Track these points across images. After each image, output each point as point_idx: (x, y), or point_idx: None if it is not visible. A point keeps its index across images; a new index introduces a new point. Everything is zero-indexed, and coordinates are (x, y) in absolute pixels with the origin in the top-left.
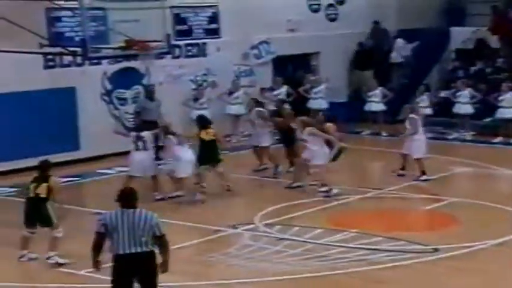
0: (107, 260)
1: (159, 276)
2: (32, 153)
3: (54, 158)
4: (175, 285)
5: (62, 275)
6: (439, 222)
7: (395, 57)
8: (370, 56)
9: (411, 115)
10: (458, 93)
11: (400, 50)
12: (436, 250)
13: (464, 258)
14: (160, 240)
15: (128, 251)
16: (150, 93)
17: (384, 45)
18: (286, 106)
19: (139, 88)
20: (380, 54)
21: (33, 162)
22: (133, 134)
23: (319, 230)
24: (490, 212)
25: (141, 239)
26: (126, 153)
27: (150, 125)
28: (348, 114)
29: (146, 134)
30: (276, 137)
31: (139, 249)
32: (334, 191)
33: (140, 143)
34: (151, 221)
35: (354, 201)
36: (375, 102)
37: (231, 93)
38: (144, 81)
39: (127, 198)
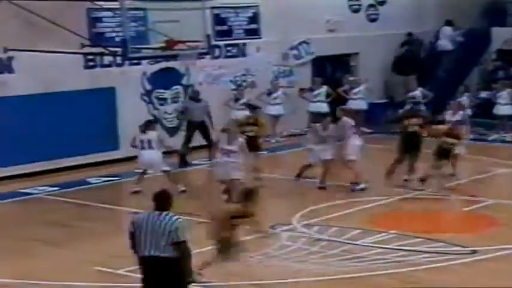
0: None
1: None
2: (72, 153)
3: (94, 157)
4: (214, 284)
5: (101, 273)
6: (478, 223)
7: (444, 44)
8: (411, 62)
9: (342, 119)
10: (498, 94)
11: (448, 38)
12: (474, 252)
13: (503, 260)
14: (179, 247)
15: (147, 254)
16: (194, 94)
17: (420, 55)
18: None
19: (179, 88)
20: (416, 63)
21: (72, 162)
22: (138, 135)
23: (357, 231)
24: None
25: (161, 243)
26: (163, 153)
27: (197, 125)
28: (388, 114)
29: (151, 134)
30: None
31: (157, 253)
32: (362, 185)
33: (146, 143)
34: (171, 226)
35: (393, 202)
36: (415, 103)
37: (270, 93)
38: (184, 81)
39: (157, 200)
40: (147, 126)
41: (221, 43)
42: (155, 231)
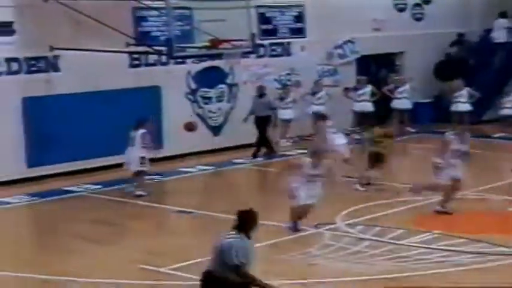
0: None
1: None
2: (116, 151)
3: None
4: None
5: (144, 271)
6: None
7: (498, 36)
8: (457, 64)
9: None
10: None
11: (503, 29)
12: None
13: None
14: (237, 272)
15: (206, 268)
16: (259, 90)
17: (469, 57)
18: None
19: (224, 87)
20: (465, 65)
21: (117, 160)
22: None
23: (401, 231)
24: None
25: (216, 260)
26: (207, 152)
27: (261, 120)
28: (433, 114)
29: (138, 132)
30: None
31: (211, 269)
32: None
33: (132, 141)
34: (222, 247)
35: (437, 203)
36: (461, 102)
37: (314, 93)
38: (229, 80)
39: (237, 217)
40: (138, 124)
41: (266, 42)
42: (215, 247)
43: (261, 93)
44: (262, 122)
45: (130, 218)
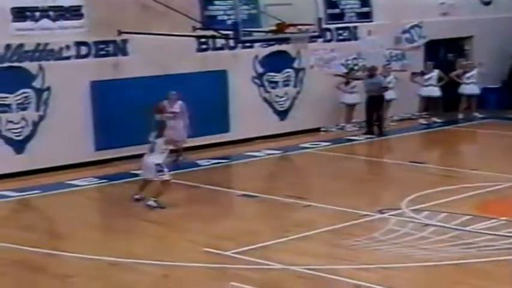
0: None
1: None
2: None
3: (204, 140)
4: (320, 267)
5: (209, 255)
6: None
7: None
8: None
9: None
10: None
11: None
12: None
13: None
14: None
15: None
16: (370, 70)
17: None
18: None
19: (290, 71)
20: None
21: (185, 143)
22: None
23: (467, 217)
24: None
25: None
26: (273, 136)
27: (374, 100)
28: (502, 100)
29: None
30: None
31: None
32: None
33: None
34: None
35: (504, 189)
36: None
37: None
38: (295, 64)
39: None
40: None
41: (333, 26)
42: None
43: (372, 73)
44: (375, 102)
45: (196, 201)
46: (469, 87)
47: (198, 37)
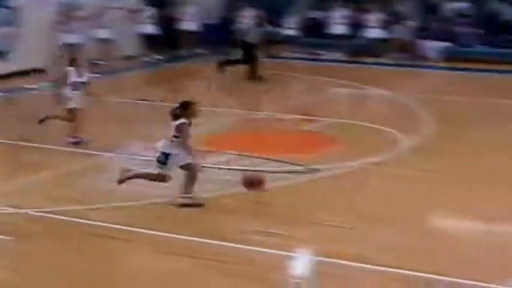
0: None
1: None
2: None
3: None
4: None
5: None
6: (318, 142)
7: None
8: None
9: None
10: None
11: None
12: (316, 170)
13: (346, 178)
14: None
15: None
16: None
17: None
18: None
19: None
20: None
21: None
22: None
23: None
24: (367, 132)
25: None
26: None
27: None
28: (220, 36)
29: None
30: None
31: None
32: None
33: None
34: None
35: (229, 123)
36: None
37: None
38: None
39: None
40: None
41: None
42: None
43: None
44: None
45: None
46: (187, 24)
47: None
